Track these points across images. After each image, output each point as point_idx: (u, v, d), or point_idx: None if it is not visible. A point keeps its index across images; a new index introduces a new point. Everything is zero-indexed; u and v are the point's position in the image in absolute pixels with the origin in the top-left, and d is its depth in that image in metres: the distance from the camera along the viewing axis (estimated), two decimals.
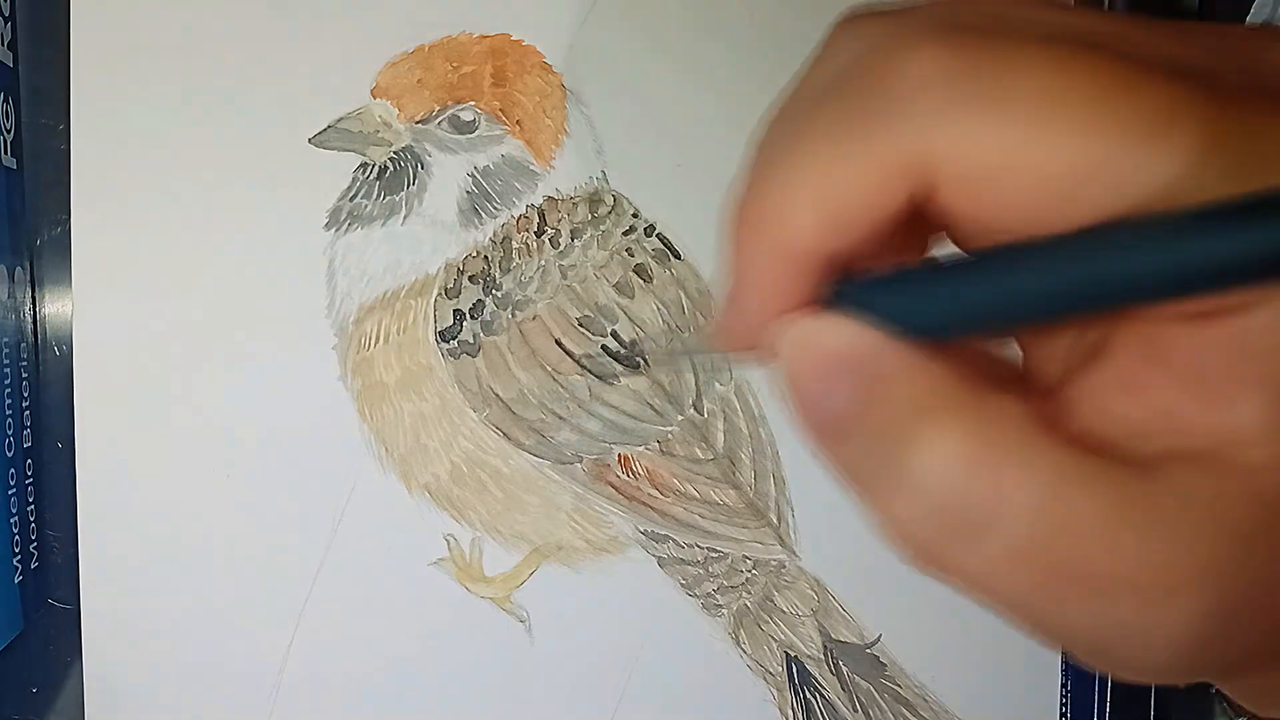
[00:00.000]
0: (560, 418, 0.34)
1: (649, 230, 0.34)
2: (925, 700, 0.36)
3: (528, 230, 0.34)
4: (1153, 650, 0.15)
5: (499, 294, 0.34)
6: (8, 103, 0.33)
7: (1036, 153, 0.14)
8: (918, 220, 0.16)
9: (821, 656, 0.36)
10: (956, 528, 0.15)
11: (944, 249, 0.17)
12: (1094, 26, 0.15)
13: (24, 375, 0.34)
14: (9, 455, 0.33)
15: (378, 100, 0.33)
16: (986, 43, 0.15)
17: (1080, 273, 0.15)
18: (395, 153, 0.34)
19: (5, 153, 0.33)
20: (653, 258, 0.34)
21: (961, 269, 0.16)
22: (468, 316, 0.34)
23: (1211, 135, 0.14)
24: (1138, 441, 0.15)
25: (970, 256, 0.16)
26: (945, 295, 0.16)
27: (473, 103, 0.34)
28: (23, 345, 0.34)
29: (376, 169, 0.34)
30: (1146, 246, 0.14)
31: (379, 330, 0.34)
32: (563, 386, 0.34)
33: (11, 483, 0.33)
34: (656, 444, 0.34)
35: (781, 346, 0.17)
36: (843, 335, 0.16)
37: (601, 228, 0.34)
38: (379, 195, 0.34)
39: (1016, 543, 0.15)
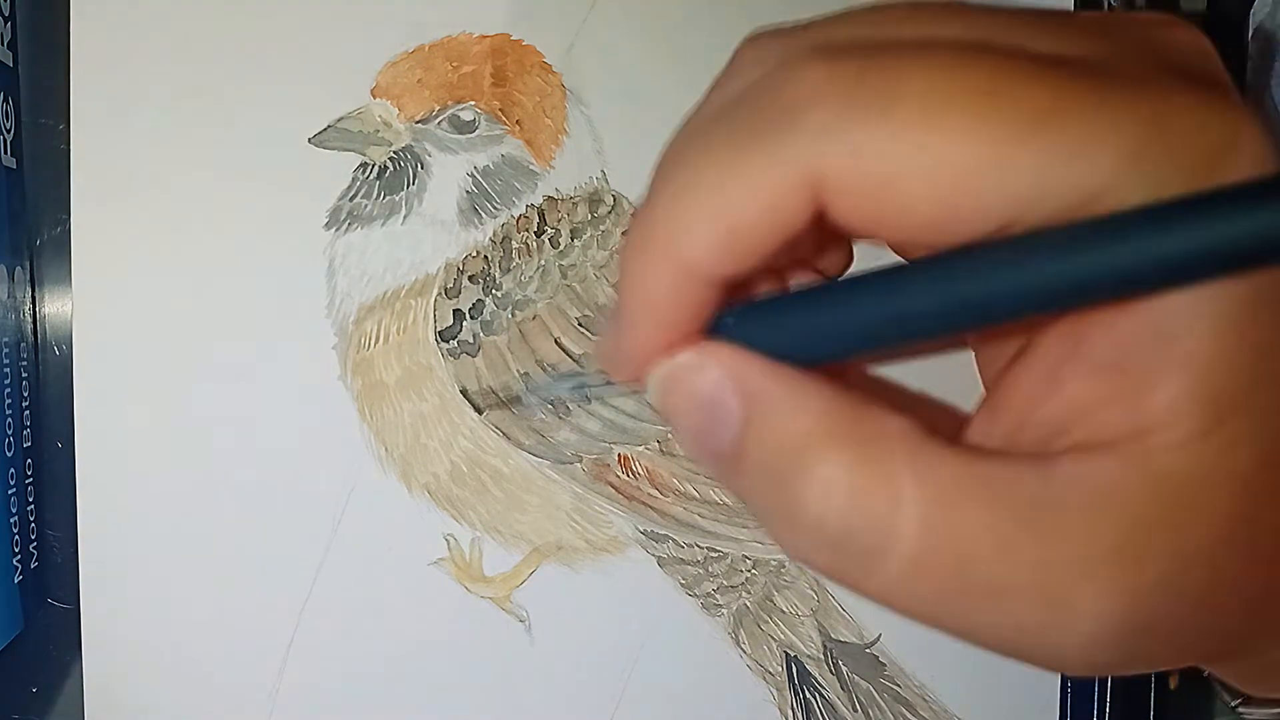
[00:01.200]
0: (560, 417, 0.34)
1: None
2: (925, 700, 0.36)
3: (528, 230, 0.34)
4: (1068, 649, 0.15)
5: (499, 294, 0.34)
6: (8, 103, 0.33)
7: (920, 161, 0.14)
8: (832, 235, 0.16)
9: (821, 656, 0.36)
10: (852, 553, 0.15)
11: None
12: (980, 31, 0.15)
13: (24, 375, 0.34)
14: (9, 455, 0.33)
15: (378, 100, 0.33)
16: (872, 57, 0.15)
17: (964, 290, 0.14)
18: (395, 152, 0.34)
19: (5, 152, 0.33)
20: None
21: (839, 291, 0.16)
22: (468, 316, 0.34)
23: (1099, 124, 0.14)
24: (1056, 441, 0.15)
25: (850, 278, 0.16)
26: (825, 319, 0.16)
27: (473, 102, 0.34)
28: (23, 345, 0.34)
29: (376, 169, 0.34)
30: (1034, 259, 0.14)
31: (379, 330, 0.34)
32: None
33: (11, 483, 0.33)
34: (656, 444, 0.34)
35: (656, 385, 0.16)
36: (716, 370, 0.16)
37: (601, 227, 0.34)
38: (379, 195, 0.34)
39: (911, 559, 0.14)
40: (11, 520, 0.33)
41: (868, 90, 0.14)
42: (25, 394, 0.34)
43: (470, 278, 0.34)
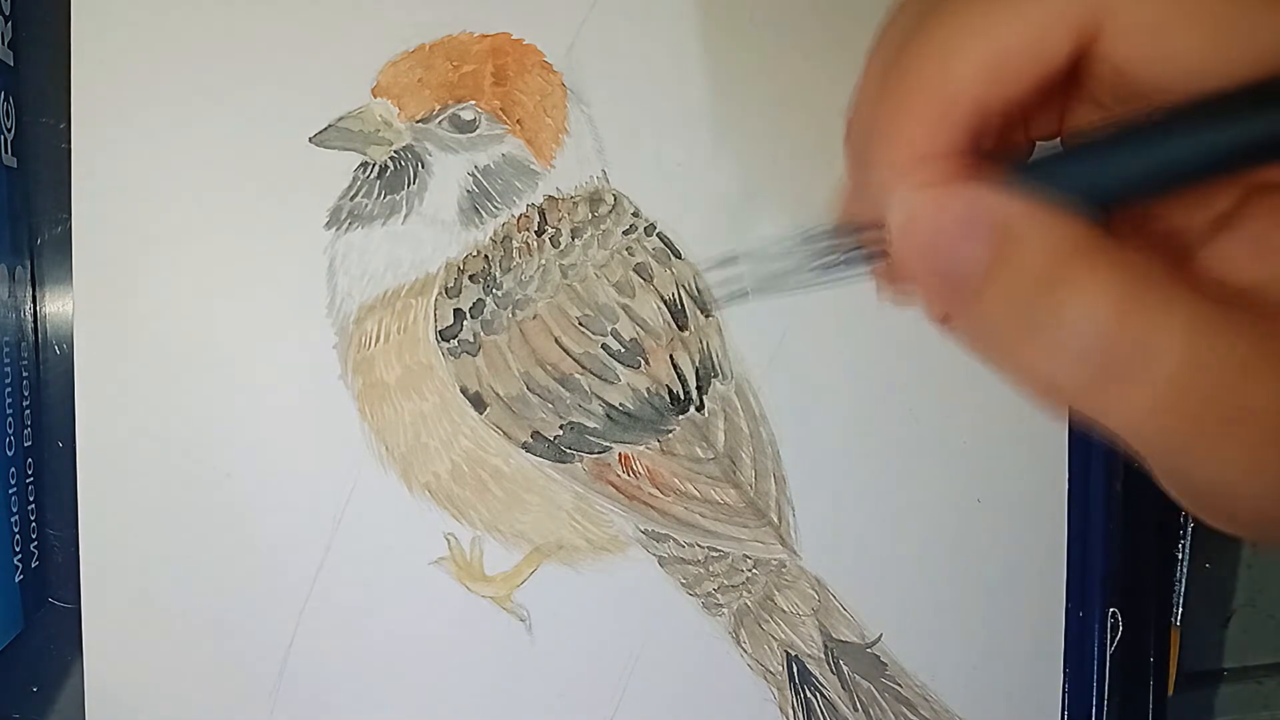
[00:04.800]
0: (560, 416, 0.34)
1: (649, 229, 0.35)
2: (925, 700, 0.36)
3: (528, 229, 0.34)
4: None
5: (499, 293, 0.34)
6: (8, 102, 0.33)
7: (1199, 6, 0.15)
8: (1066, 84, 0.17)
9: (822, 656, 0.36)
10: (1107, 372, 0.15)
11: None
12: None
13: (24, 375, 0.34)
14: (9, 455, 0.33)
15: (378, 99, 0.33)
16: None
17: (1214, 137, 0.15)
18: (396, 152, 0.34)
19: (6, 152, 0.33)
20: (653, 257, 0.34)
21: (1098, 141, 0.16)
22: (468, 315, 0.34)
23: None
24: (1260, 296, 0.16)
25: (1102, 130, 0.16)
26: (1078, 168, 0.16)
27: (473, 102, 0.34)
28: (23, 345, 0.34)
29: (377, 168, 0.34)
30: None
31: (380, 329, 0.34)
32: (563, 385, 0.34)
33: (12, 482, 0.33)
34: (657, 443, 0.34)
35: (913, 209, 0.17)
36: (972, 196, 0.16)
37: (602, 227, 0.34)
38: (379, 194, 0.34)
39: (1166, 382, 0.15)
40: (12, 520, 0.33)
41: None
42: (25, 394, 0.34)
43: (471, 277, 0.34)
